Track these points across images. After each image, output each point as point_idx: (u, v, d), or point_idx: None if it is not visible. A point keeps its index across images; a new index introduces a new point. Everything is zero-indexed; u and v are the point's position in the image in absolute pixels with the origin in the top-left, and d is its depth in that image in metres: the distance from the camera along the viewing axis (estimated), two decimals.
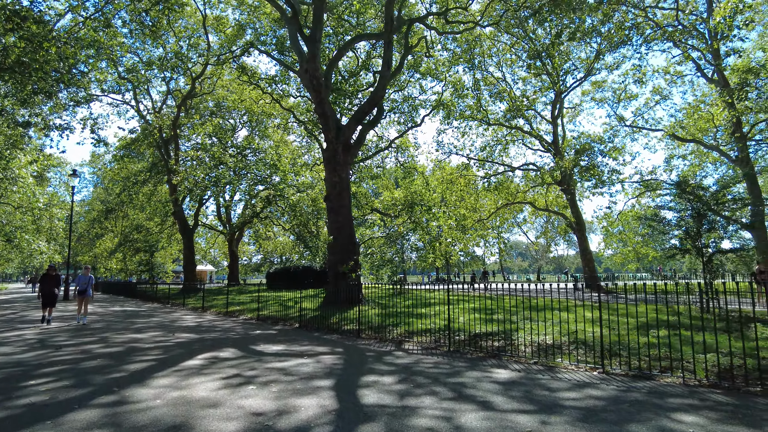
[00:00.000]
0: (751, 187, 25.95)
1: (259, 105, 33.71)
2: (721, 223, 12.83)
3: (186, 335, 10.14)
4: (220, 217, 42.95)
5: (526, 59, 30.33)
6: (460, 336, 8.92)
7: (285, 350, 7.98)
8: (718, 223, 12.70)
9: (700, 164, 33.84)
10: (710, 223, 12.52)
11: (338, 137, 16.36)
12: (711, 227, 12.65)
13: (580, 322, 9.15)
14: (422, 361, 7.01)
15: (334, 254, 16.22)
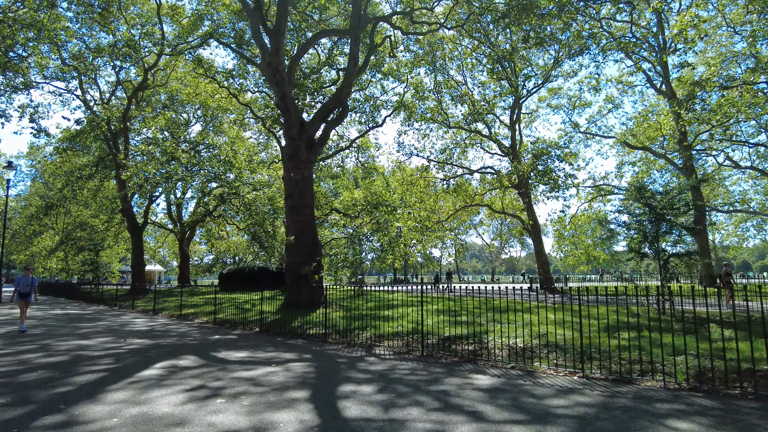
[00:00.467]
0: (695, 194, 27.32)
1: (215, 99, 32.53)
2: (676, 227, 13.29)
3: (139, 341, 9.43)
4: (171, 215, 41.22)
5: (486, 63, 30.78)
6: (430, 339, 8.72)
7: (250, 357, 7.50)
8: (675, 227, 13.15)
9: (647, 171, 35.37)
10: (668, 226, 12.96)
11: (301, 134, 15.87)
12: (667, 231, 13.11)
13: (546, 324, 9.15)
14: (397, 367, 6.73)
15: (296, 255, 15.71)
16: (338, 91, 16.08)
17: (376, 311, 12.96)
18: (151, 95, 33.49)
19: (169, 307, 18.04)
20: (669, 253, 13.01)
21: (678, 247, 13.46)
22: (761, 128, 32.75)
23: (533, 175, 27.59)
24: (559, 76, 31.44)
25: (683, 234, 13.34)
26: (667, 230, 13.10)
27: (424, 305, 14.43)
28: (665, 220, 12.95)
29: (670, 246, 13.30)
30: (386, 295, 18.88)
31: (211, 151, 33.44)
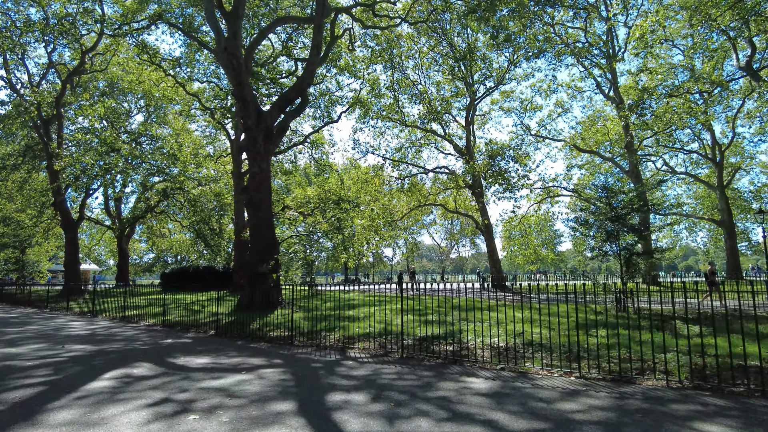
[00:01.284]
0: (639, 195, 28.47)
1: (159, 88, 30.64)
2: (635, 227, 13.57)
3: (80, 347, 8.37)
4: (109, 211, 38.58)
5: (442, 63, 30.82)
6: (406, 340, 8.25)
7: (213, 364, 6.74)
8: (636, 227, 13.43)
9: (592, 174, 36.69)
10: (629, 226, 13.22)
11: (259, 124, 14.98)
12: (628, 230, 13.36)
13: (522, 323, 8.90)
14: (381, 371, 6.21)
15: (252, 253, 14.81)
16: (299, 80, 15.31)
17: (338, 311, 12.36)
18: (89, 81, 31.15)
19: (109, 308, 16.60)
20: (633, 251, 13.25)
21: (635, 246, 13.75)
22: (695, 137, 34.74)
23: (486, 175, 27.80)
24: (513, 80, 31.90)
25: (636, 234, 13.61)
26: (629, 230, 13.36)
27: (385, 305, 14.01)
28: (624, 220, 13.20)
29: (633, 244, 13.56)
30: (342, 294, 18.27)
31: (154, 143, 31.51)
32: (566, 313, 9.23)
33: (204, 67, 29.12)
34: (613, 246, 13.42)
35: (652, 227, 18.68)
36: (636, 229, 13.50)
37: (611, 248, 13.45)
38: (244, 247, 29.24)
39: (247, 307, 14.07)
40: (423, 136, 33.60)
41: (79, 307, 17.75)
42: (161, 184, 34.18)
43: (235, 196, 29.15)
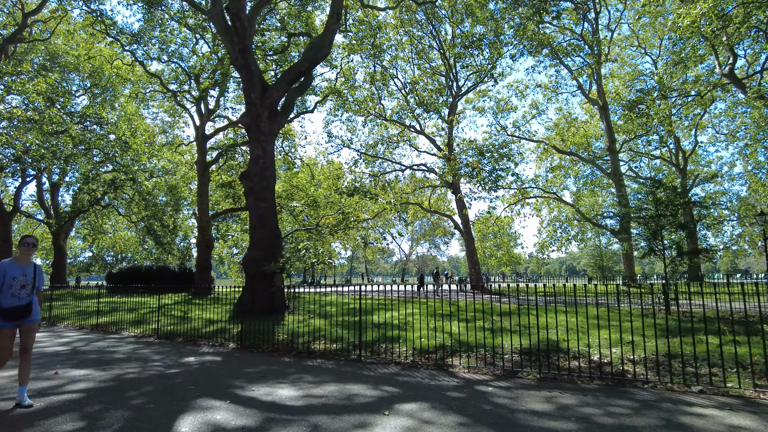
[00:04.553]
0: (621, 198, 28.45)
1: (113, 66, 27.24)
2: (684, 223, 12.69)
3: (81, 372, 6.07)
4: (43, 203, 34.03)
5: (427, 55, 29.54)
6: (504, 354, 6.64)
7: (309, 396, 4.81)
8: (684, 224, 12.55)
9: (564, 175, 36.72)
10: (677, 223, 12.31)
11: (264, 99, 12.85)
12: (678, 227, 12.47)
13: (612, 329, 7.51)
14: (559, 401, 4.56)
15: (255, 248, 12.64)
16: (314, 50, 13.28)
17: (353, 317, 10.62)
18: (25, 53, 27.15)
19: (66, 314, 13.75)
20: (682, 249, 12.34)
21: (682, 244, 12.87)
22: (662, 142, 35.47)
23: (475, 173, 26.69)
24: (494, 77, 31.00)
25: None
26: (677, 226, 12.46)
27: (400, 308, 12.29)
28: (675, 216, 12.30)
29: (680, 242, 12.66)
30: (333, 297, 16.40)
31: (103, 128, 27.99)
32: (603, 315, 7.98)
33: (163, 45, 26.09)
34: (660, 243, 12.46)
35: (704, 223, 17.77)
36: (684, 225, 12.59)
37: (657, 245, 12.47)
38: (208, 244, 26.49)
39: (246, 313, 11.91)
40: (399, 132, 32.09)
41: None
42: (108, 174, 30.56)
43: (199, 188, 26.30)
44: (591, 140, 32.89)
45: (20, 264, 4.72)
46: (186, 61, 26.77)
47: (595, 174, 36.44)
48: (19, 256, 4.77)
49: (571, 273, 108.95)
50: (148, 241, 38.02)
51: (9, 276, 4.59)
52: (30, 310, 4.74)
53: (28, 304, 4.71)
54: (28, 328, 4.76)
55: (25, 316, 4.69)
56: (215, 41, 25.28)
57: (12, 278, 4.59)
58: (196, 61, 26.33)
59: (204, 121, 26.81)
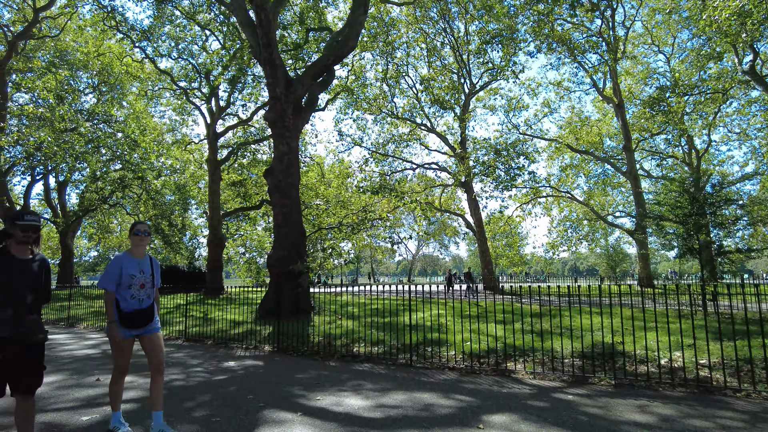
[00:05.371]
0: (637, 197, 28.11)
1: (123, 63, 26.85)
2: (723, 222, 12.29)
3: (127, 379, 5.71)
4: (50, 202, 33.68)
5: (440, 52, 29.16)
6: (565, 358, 6.27)
7: (381, 407, 4.44)
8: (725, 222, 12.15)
9: (576, 174, 36.34)
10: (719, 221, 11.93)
11: (288, 94, 12.49)
12: (717, 226, 12.09)
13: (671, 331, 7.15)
14: (653, 409, 4.19)
15: (280, 247, 12.27)
16: (341, 43, 12.90)
17: (380, 318, 10.32)
18: (35, 49, 26.78)
19: (84, 315, 13.38)
20: (721, 248, 11.93)
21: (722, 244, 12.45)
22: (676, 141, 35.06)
23: (489, 171, 26.29)
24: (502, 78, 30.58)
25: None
26: (716, 225, 12.08)
27: (425, 309, 11.91)
28: (715, 215, 11.91)
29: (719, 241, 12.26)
30: (340, 298, 16.05)
31: (112, 125, 27.63)
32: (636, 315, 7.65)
33: (173, 41, 25.77)
34: (697, 242, 12.07)
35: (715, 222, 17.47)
36: (722, 224, 12.19)
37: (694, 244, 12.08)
38: (220, 243, 26.15)
39: (272, 313, 11.56)
40: (410, 130, 31.71)
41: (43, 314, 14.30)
42: (117, 173, 30.20)
43: (210, 187, 25.97)
44: (604, 139, 32.48)
45: (135, 257, 3.83)
46: (196, 58, 26.47)
47: (606, 173, 35.99)
48: (133, 248, 3.87)
49: (575, 273, 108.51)
50: (156, 241, 37.67)
51: (126, 273, 3.70)
52: (153, 315, 3.87)
53: (150, 307, 3.84)
54: (152, 339, 3.83)
55: (148, 323, 3.82)
56: (226, 38, 24.96)
57: (130, 276, 3.71)
58: (206, 57, 26.02)
59: (215, 119, 26.49)
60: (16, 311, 3.01)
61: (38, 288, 3.16)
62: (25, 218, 3.08)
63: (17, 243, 3.11)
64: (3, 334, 2.96)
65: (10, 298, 3.00)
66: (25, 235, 3.09)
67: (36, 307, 3.16)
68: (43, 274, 3.24)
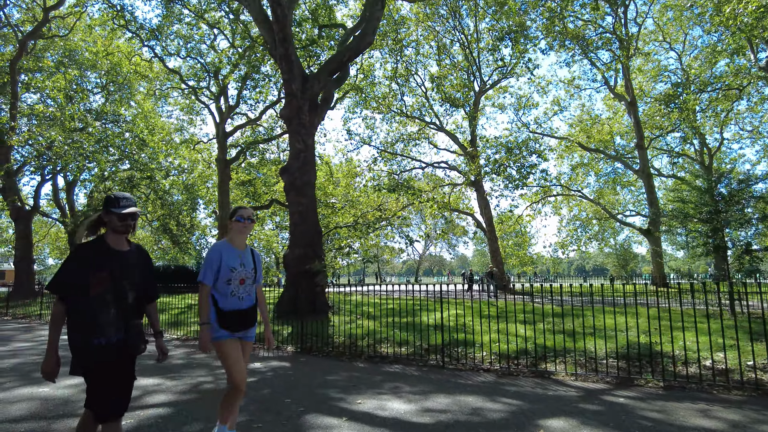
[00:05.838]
0: (650, 197, 27.77)
1: (132, 62, 26.71)
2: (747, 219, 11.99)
3: (149, 381, 5.48)
4: (58, 202, 33.61)
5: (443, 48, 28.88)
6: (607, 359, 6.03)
7: (425, 411, 4.22)
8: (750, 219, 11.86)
9: (586, 173, 36.01)
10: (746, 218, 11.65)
11: (305, 91, 12.29)
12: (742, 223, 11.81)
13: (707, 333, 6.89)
14: (717, 414, 3.95)
15: (296, 246, 12.06)
16: (357, 38, 12.69)
17: (397, 318, 10.12)
18: (44, 49, 26.69)
19: None
20: (750, 247, 11.63)
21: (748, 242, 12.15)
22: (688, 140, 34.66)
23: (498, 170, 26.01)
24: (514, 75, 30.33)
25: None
26: (741, 222, 11.79)
27: (444, 309, 11.66)
28: (742, 212, 11.63)
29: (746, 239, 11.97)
30: (351, 297, 15.82)
31: (120, 125, 27.54)
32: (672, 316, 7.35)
33: (181, 40, 25.63)
34: (722, 240, 11.79)
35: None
36: (749, 221, 11.90)
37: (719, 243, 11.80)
38: None
39: (289, 314, 11.39)
40: (419, 129, 31.45)
41: (48, 314, 14.14)
42: (125, 173, 30.10)
43: (220, 186, 25.84)
44: (615, 137, 32.14)
45: (236, 247, 3.23)
46: (204, 56, 26.34)
47: (616, 171, 35.63)
48: (233, 237, 3.26)
49: (582, 273, 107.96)
50: (164, 241, 37.56)
51: (226, 265, 3.10)
52: (255, 318, 3.30)
53: (252, 307, 3.26)
54: (245, 349, 3.31)
55: (248, 326, 3.23)
56: (235, 36, 24.81)
57: (230, 269, 3.11)
58: (214, 56, 25.91)
59: (224, 118, 26.36)
60: (119, 313, 2.56)
61: (139, 284, 2.72)
62: (121, 204, 2.64)
63: (113, 232, 2.65)
64: (105, 341, 2.50)
65: (113, 298, 2.55)
66: (123, 224, 2.63)
67: (138, 309, 2.73)
68: (144, 267, 2.81)
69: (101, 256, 2.57)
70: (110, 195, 2.67)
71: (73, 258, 2.58)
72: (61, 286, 2.55)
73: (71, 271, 2.53)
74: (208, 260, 3.10)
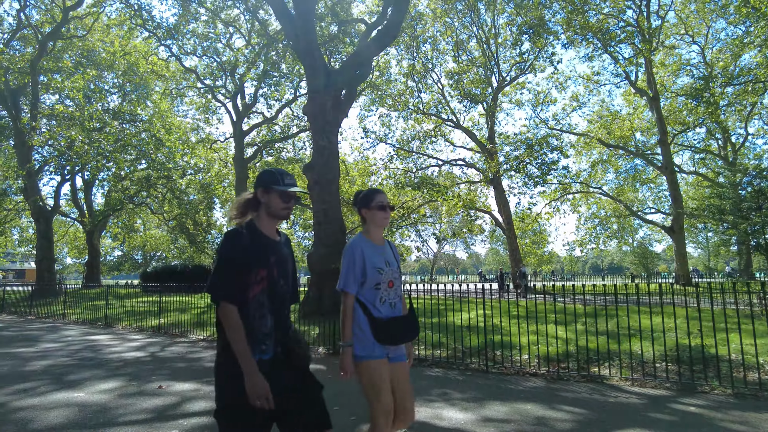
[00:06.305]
0: (674, 193, 27.14)
1: (149, 62, 26.72)
2: None
3: (184, 386, 5.27)
4: (76, 201, 33.86)
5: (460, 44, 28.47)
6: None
7: (497, 421, 3.95)
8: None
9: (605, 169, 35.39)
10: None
11: (328, 87, 12.05)
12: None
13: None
14: None
15: (320, 245, 11.84)
16: (383, 31, 12.41)
17: (427, 319, 9.85)
18: (62, 50, 26.79)
19: (119, 315, 13.11)
20: None
21: None
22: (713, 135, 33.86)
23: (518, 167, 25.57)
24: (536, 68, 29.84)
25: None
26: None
27: (469, 310, 11.34)
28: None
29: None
30: None
31: (137, 124, 27.59)
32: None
33: (197, 39, 25.56)
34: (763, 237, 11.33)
35: None
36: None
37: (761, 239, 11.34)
38: None
39: (314, 314, 11.19)
40: (435, 126, 31.10)
41: (77, 314, 14.10)
42: (142, 172, 30.18)
43: (237, 185, 25.77)
44: (635, 133, 31.52)
45: (375, 243, 2.63)
46: (220, 55, 26.30)
47: (636, 168, 34.97)
48: (371, 230, 2.66)
49: (597, 271, 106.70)
50: (180, 240, 37.68)
51: (371, 265, 2.53)
52: (417, 327, 2.67)
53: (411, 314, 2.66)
54: (404, 369, 2.65)
55: (409, 336, 2.62)
56: (251, 33, 24.72)
57: (376, 269, 2.53)
58: (230, 55, 25.86)
59: (241, 117, 26.28)
60: (277, 322, 2.07)
61: (291, 284, 2.20)
62: (285, 181, 2.14)
63: (269, 217, 2.14)
64: (267, 354, 2.01)
65: (270, 302, 2.05)
66: (286, 206, 2.14)
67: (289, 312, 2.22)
68: (293, 262, 2.27)
69: (260, 249, 2.05)
70: (270, 169, 2.19)
71: (231, 249, 2.01)
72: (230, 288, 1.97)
73: (236, 266, 1.98)
74: (348, 262, 2.53)
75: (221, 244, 2.04)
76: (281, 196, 2.10)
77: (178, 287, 12.68)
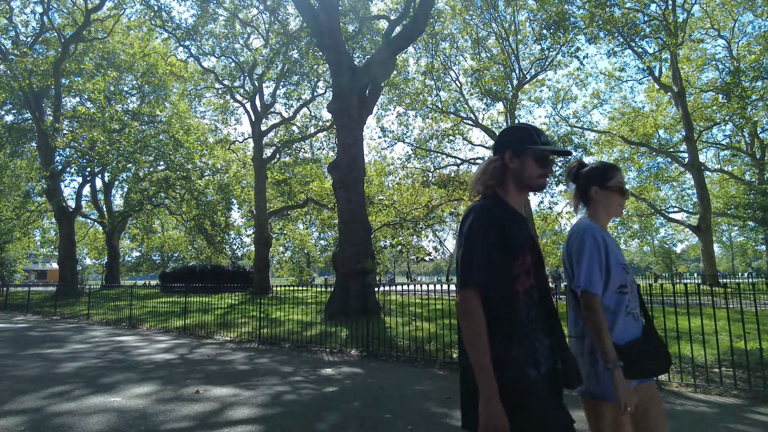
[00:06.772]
0: (701, 192, 26.42)
1: (168, 63, 26.80)
2: None
3: (222, 391, 5.06)
4: (96, 203, 34.12)
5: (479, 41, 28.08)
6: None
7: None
8: None
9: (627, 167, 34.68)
10: None
11: (353, 83, 11.82)
12: None
13: None
14: None
15: (345, 244, 11.62)
16: (407, 27, 12.15)
17: (448, 320, 9.41)
18: (83, 52, 26.97)
19: (143, 316, 13.02)
20: None
21: None
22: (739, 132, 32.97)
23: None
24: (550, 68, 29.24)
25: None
26: None
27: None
28: None
29: None
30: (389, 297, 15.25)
31: (156, 125, 27.68)
32: None
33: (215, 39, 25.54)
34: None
35: None
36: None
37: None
38: (266, 242, 25.85)
39: (340, 314, 10.98)
40: (453, 125, 30.74)
41: (101, 314, 14.07)
42: (160, 173, 30.30)
43: (257, 186, 25.71)
44: (659, 130, 30.82)
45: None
46: (238, 55, 26.27)
47: (659, 166, 34.20)
48: (601, 216, 2.06)
49: None
50: (198, 241, 37.79)
51: (616, 259, 1.90)
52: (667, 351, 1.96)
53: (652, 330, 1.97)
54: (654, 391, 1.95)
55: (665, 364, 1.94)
56: (268, 34, 24.61)
57: (622, 266, 1.91)
58: (248, 55, 25.82)
59: (260, 117, 26.22)
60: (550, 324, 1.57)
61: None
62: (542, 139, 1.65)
63: (518, 188, 1.66)
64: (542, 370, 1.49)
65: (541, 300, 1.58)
66: (543, 173, 1.64)
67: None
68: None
69: (519, 229, 1.55)
70: (520, 125, 1.69)
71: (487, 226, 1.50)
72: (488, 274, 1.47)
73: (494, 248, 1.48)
74: (589, 252, 1.85)
75: (470, 224, 1.51)
76: (538, 159, 1.60)
77: (204, 287, 12.52)
